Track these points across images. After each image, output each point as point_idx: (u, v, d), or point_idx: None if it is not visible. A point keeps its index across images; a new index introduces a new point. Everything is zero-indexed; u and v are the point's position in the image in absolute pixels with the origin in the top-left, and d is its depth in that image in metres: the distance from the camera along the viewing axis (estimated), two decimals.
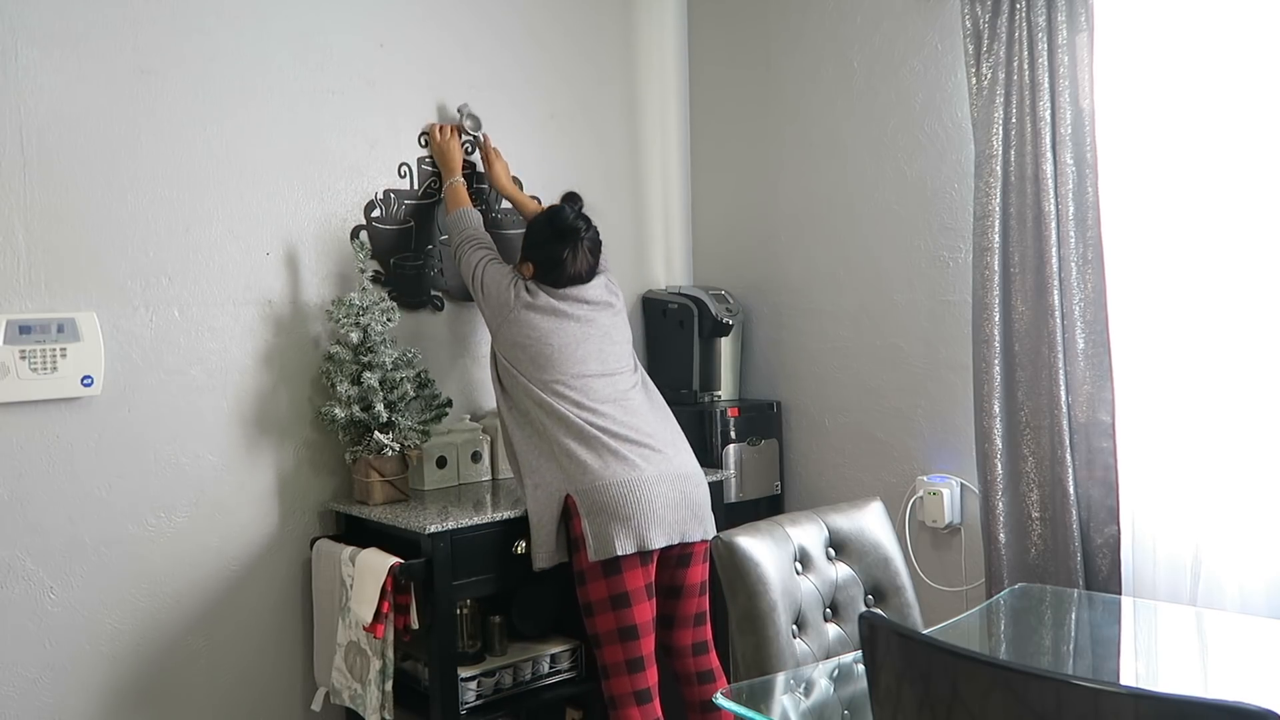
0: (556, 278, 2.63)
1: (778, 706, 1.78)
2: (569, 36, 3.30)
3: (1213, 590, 2.35)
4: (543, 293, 2.63)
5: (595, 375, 2.58)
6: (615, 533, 2.40)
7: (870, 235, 3.05)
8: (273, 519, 2.71)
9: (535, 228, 2.70)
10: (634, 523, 2.41)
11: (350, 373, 2.64)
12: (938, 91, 2.87)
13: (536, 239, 2.68)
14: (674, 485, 2.50)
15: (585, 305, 2.65)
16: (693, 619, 2.60)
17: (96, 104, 2.42)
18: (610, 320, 2.68)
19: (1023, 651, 2.00)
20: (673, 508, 2.48)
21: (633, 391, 2.62)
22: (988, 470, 2.62)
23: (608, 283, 2.74)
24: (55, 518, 2.39)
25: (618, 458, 2.46)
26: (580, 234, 2.62)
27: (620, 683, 2.46)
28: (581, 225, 2.64)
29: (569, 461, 2.47)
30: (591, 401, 2.53)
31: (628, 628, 2.44)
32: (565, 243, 2.61)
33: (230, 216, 2.63)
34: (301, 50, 2.74)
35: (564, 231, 2.62)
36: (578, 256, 2.62)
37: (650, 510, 2.43)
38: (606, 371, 2.60)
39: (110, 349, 2.43)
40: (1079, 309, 2.50)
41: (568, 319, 2.61)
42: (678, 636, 2.60)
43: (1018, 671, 1.17)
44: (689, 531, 2.51)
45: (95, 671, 2.44)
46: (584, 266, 2.64)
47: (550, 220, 2.66)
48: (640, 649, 2.46)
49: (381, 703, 2.43)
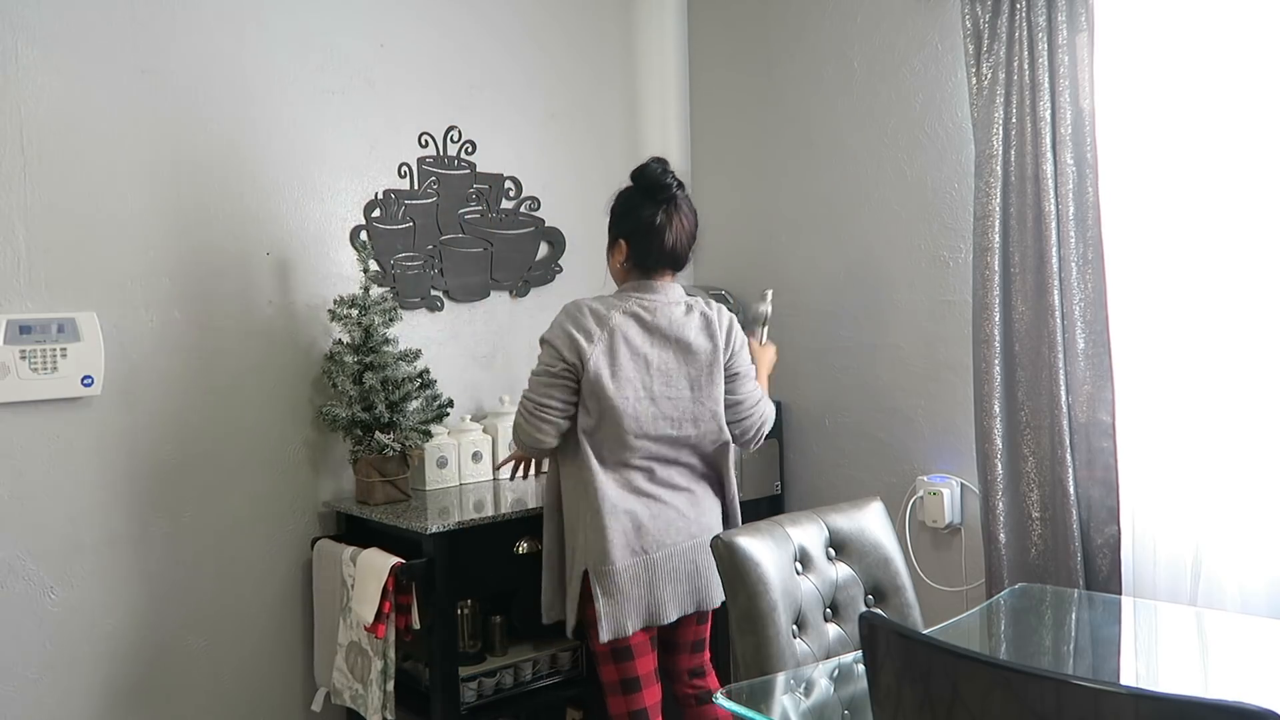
0: (651, 251, 2.28)
1: (778, 706, 1.78)
2: (568, 36, 3.30)
3: (1213, 590, 2.34)
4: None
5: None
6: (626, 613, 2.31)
7: (870, 235, 3.05)
8: (273, 519, 2.71)
9: (620, 197, 2.34)
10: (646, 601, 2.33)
11: (351, 373, 2.64)
12: (938, 91, 2.87)
13: (625, 207, 2.32)
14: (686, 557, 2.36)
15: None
16: (690, 645, 2.51)
17: (96, 104, 2.42)
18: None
19: (1023, 651, 2.00)
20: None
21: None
22: (988, 470, 2.62)
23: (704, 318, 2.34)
24: (55, 518, 2.39)
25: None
26: (671, 191, 2.27)
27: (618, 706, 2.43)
28: (673, 182, 2.28)
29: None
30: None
31: (630, 679, 2.38)
32: (657, 203, 2.27)
33: (230, 216, 2.63)
34: (301, 50, 2.74)
35: (652, 188, 2.28)
36: (673, 222, 2.27)
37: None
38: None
39: (110, 349, 2.43)
40: (1079, 309, 2.50)
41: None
42: (677, 660, 2.52)
43: (1018, 671, 1.16)
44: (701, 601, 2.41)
45: (95, 671, 2.44)
46: (681, 235, 2.29)
47: (637, 181, 2.32)
48: (643, 700, 2.39)
49: (383, 703, 2.43)
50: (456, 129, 3.04)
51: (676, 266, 2.36)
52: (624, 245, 2.32)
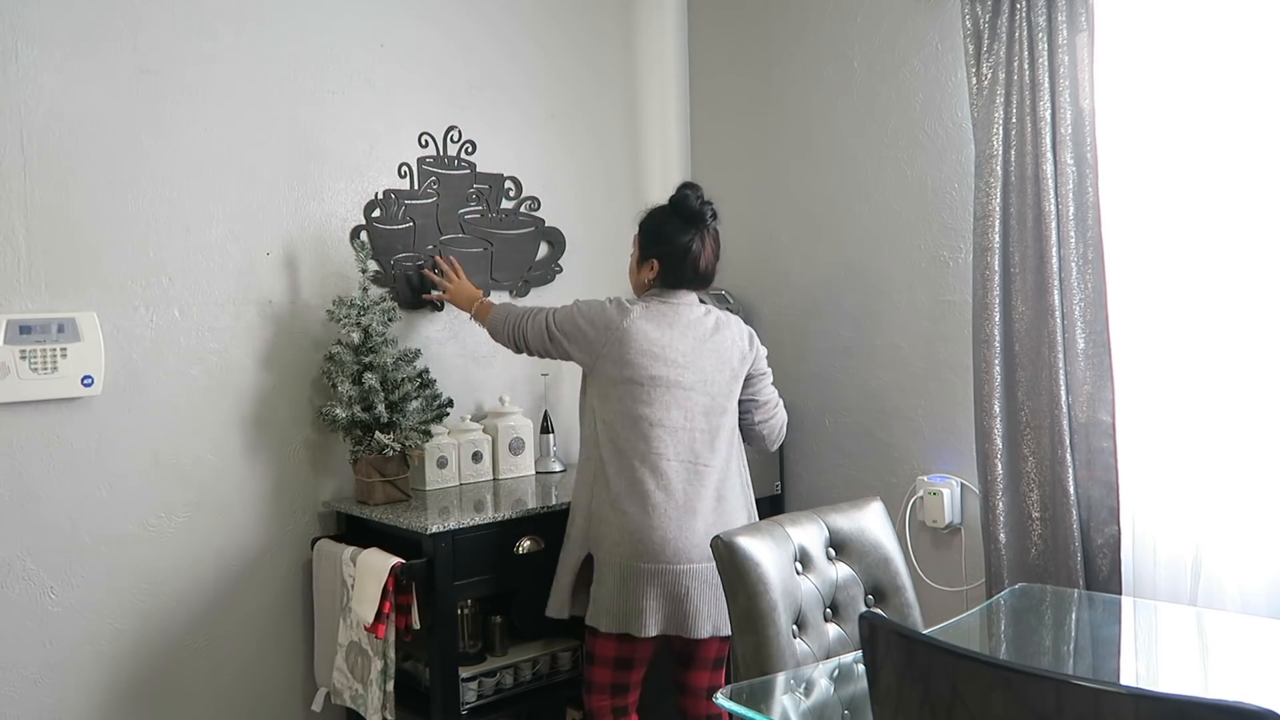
0: (683, 273, 2.45)
1: (778, 706, 1.78)
2: (568, 36, 3.30)
3: (1213, 590, 2.34)
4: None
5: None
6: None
7: (870, 235, 3.05)
8: (273, 519, 2.71)
9: (656, 219, 2.49)
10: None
11: (351, 373, 2.64)
12: (938, 91, 2.87)
13: (660, 230, 2.47)
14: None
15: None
16: (711, 662, 2.52)
17: (96, 104, 2.42)
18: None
19: (1023, 651, 2.00)
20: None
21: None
22: (988, 470, 2.62)
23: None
24: (55, 518, 2.39)
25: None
26: (706, 221, 2.45)
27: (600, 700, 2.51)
28: (708, 212, 2.45)
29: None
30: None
31: (621, 685, 2.49)
32: (693, 231, 2.43)
33: (230, 216, 2.63)
34: (301, 50, 2.74)
35: (691, 218, 2.43)
36: (705, 248, 2.44)
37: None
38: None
39: (110, 349, 2.43)
40: (1079, 309, 2.50)
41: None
42: (693, 677, 2.53)
43: (1018, 671, 1.17)
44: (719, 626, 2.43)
45: (95, 671, 2.44)
46: (711, 260, 2.46)
47: (676, 209, 2.46)
48: (625, 699, 2.51)
49: (383, 703, 2.43)
50: (456, 129, 3.04)
51: (703, 287, 2.53)
52: (655, 264, 2.47)
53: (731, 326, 2.50)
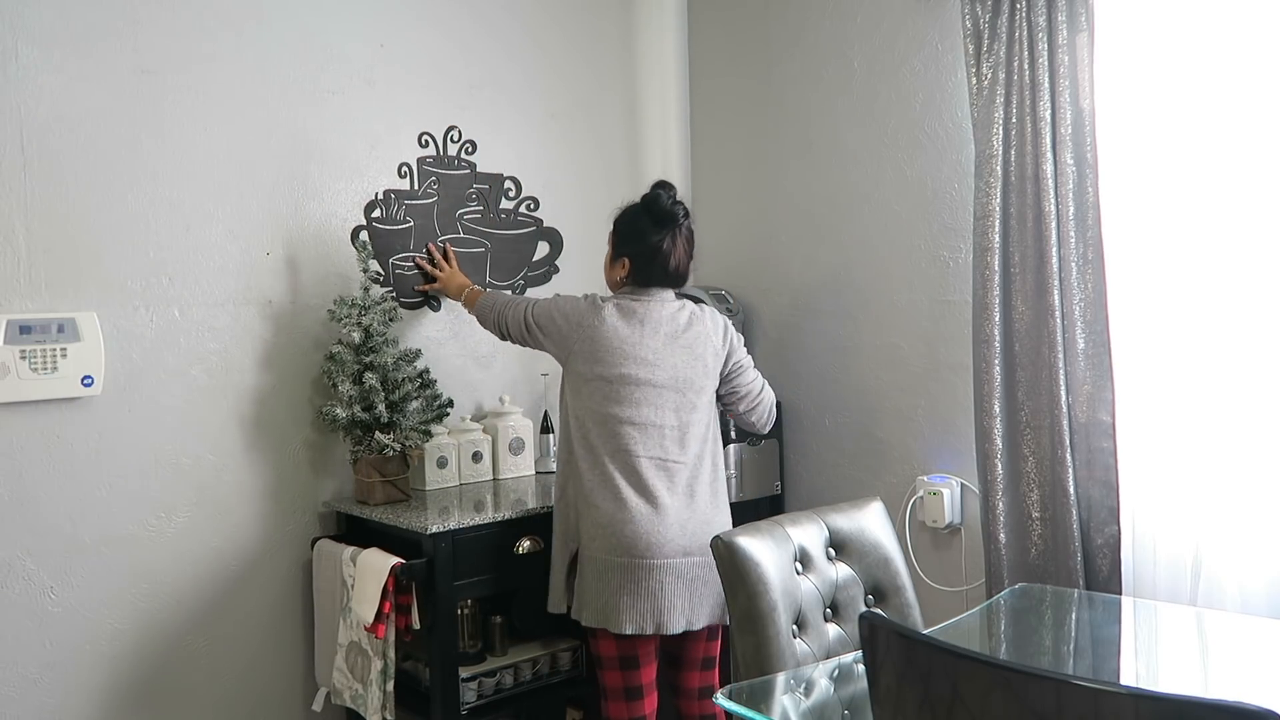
0: (653, 272, 2.45)
1: (778, 706, 1.78)
2: (568, 36, 3.30)
3: (1213, 590, 2.34)
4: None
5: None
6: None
7: (870, 235, 3.05)
8: (273, 519, 2.71)
9: (628, 218, 2.50)
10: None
11: (351, 373, 2.64)
12: (938, 91, 2.87)
13: (632, 229, 2.47)
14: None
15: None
16: (699, 662, 2.53)
17: (96, 104, 2.42)
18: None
19: (1023, 651, 2.00)
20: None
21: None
22: (988, 470, 2.62)
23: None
24: (55, 518, 2.39)
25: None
26: (678, 221, 2.45)
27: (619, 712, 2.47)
28: (680, 211, 2.46)
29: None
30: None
31: (634, 688, 2.44)
32: (665, 230, 2.43)
33: (230, 216, 2.63)
34: (301, 50, 2.74)
35: (662, 218, 2.44)
36: (677, 247, 2.44)
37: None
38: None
39: (110, 349, 2.43)
40: (1079, 309, 2.50)
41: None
42: (683, 678, 2.54)
43: (1018, 671, 1.17)
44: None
45: (95, 671, 2.44)
46: (683, 259, 2.47)
47: (647, 208, 2.47)
48: (643, 709, 2.46)
49: (383, 703, 2.43)
50: (456, 129, 3.04)
51: (677, 286, 2.51)
52: (627, 263, 2.47)
53: (705, 321, 2.49)
